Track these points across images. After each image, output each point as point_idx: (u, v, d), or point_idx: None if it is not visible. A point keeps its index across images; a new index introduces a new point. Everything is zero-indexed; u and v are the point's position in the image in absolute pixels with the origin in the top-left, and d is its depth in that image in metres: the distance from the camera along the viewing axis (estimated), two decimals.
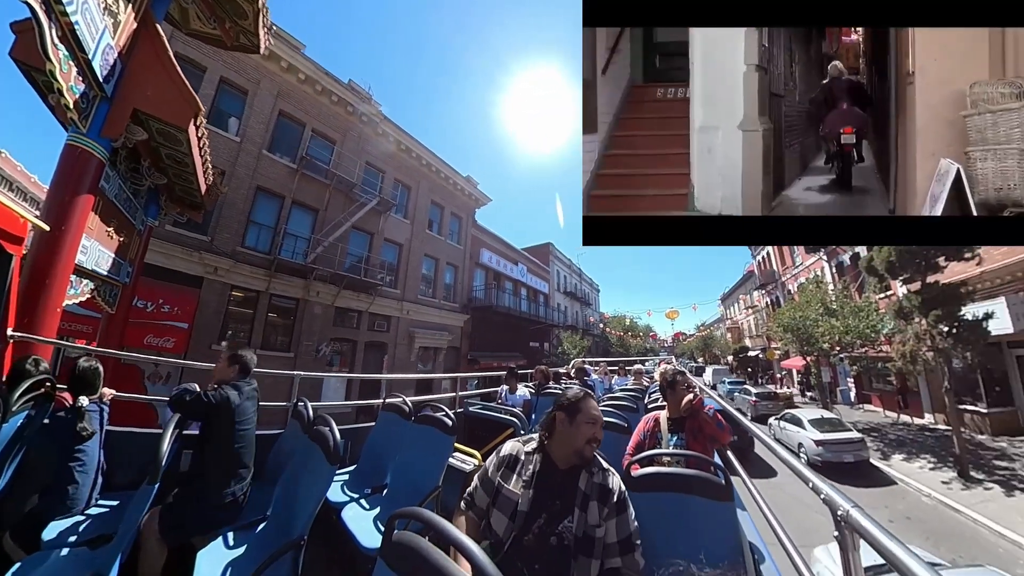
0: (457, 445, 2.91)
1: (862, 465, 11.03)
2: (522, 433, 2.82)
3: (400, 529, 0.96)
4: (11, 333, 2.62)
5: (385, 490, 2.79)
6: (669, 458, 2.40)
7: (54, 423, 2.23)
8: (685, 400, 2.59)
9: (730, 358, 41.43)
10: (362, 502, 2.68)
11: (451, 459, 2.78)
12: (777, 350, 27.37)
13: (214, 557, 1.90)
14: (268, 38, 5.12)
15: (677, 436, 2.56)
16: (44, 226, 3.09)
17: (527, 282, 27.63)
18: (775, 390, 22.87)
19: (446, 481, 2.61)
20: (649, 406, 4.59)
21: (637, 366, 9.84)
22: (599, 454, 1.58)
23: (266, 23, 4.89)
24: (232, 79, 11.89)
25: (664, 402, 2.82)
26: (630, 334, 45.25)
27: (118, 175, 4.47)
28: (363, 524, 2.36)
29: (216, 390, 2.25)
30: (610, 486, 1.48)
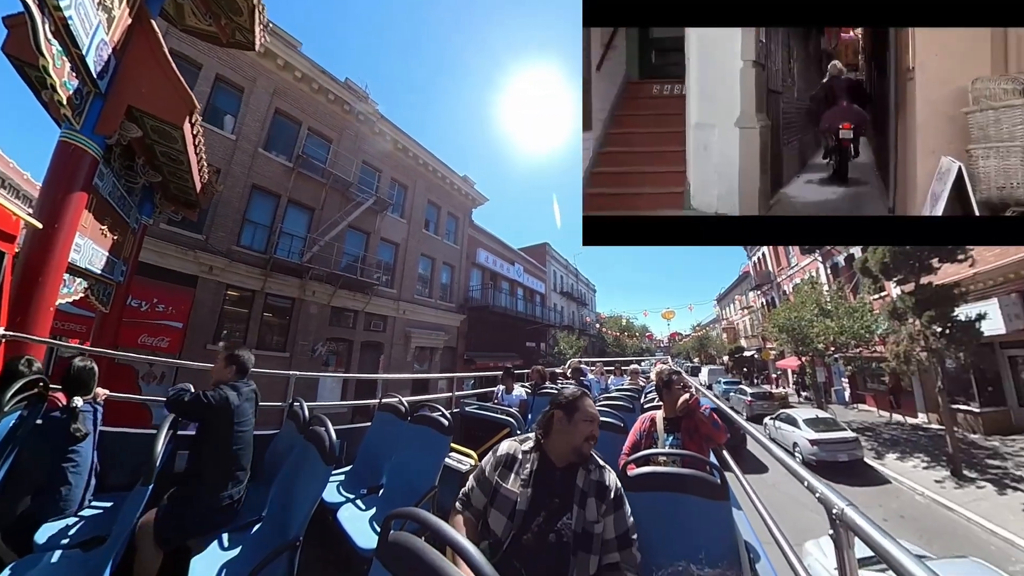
0: (453, 445, 2.91)
1: (856, 464, 11.11)
2: (518, 433, 2.81)
3: (396, 530, 0.96)
4: (3, 332, 2.59)
5: (381, 490, 2.78)
6: (665, 458, 2.40)
7: (47, 424, 2.20)
8: (681, 400, 2.59)
9: (726, 358, 41.62)
10: (358, 503, 2.67)
11: (447, 459, 2.78)
12: (772, 350, 27.53)
13: (209, 559, 1.89)
14: (264, 35, 5.10)
15: (673, 436, 2.56)
16: (37, 224, 3.06)
17: (524, 282, 27.64)
18: (770, 390, 23.03)
19: (442, 481, 2.61)
20: (645, 406, 4.59)
21: (633, 366, 9.85)
22: (595, 453, 1.59)
23: (262, 20, 4.86)
24: (228, 76, 11.82)
25: (660, 402, 2.82)
26: (626, 334, 45.33)
27: (112, 172, 4.43)
28: (359, 525, 2.36)
29: (215, 391, 2.23)
30: (607, 483, 1.50)
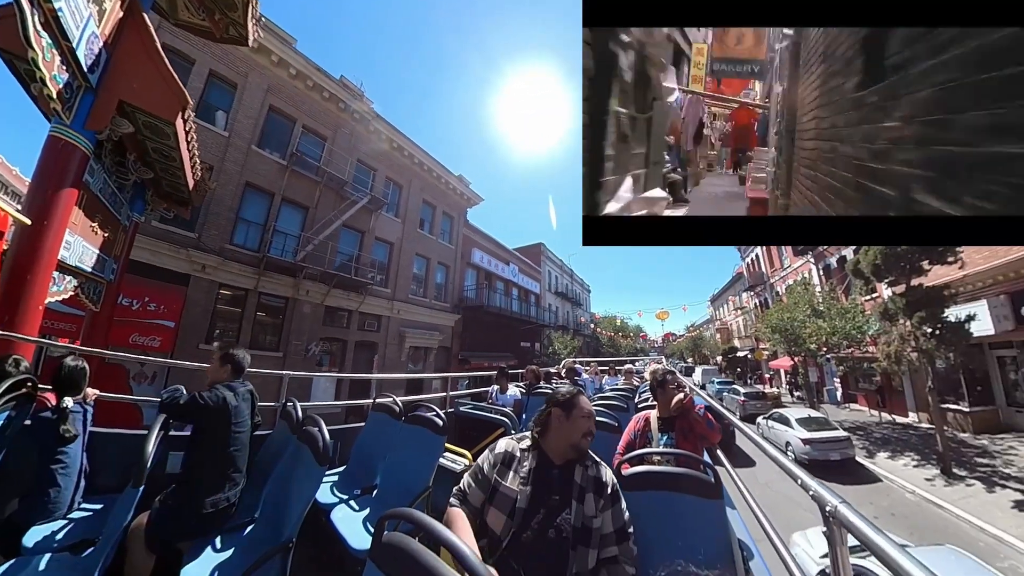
0: (448, 445, 2.90)
1: (848, 463, 11.23)
2: (513, 433, 2.81)
3: (390, 530, 0.95)
4: None
5: (375, 491, 2.76)
6: (659, 457, 2.41)
7: (36, 424, 2.17)
8: (675, 400, 2.61)
9: (719, 358, 41.87)
10: (352, 503, 2.66)
11: (442, 459, 2.77)
12: (765, 351, 27.70)
13: (201, 561, 1.88)
14: (257, 30, 5.05)
15: (667, 435, 2.58)
16: (26, 220, 3.02)
17: (518, 282, 27.63)
18: (763, 390, 23.20)
19: (436, 481, 2.60)
20: (639, 406, 4.61)
21: (627, 366, 9.90)
22: (590, 450, 1.60)
23: (255, 15, 4.82)
24: (221, 72, 11.69)
25: (654, 402, 2.83)
26: (620, 334, 45.55)
27: (103, 169, 4.38)
28: (353, 526, 2.34)
29: (211, 392, 2.19)
30: (604, 478, 1.53)
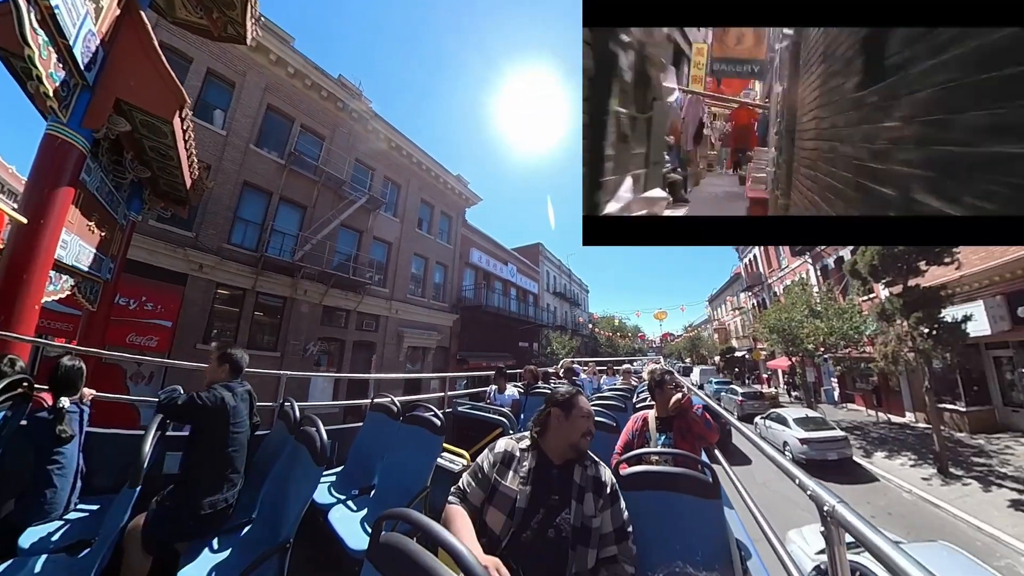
0: (446, 445, 2.90)
1: (845, 462, 11.26)
2: (511, 433, 2.81)
3: (388, 531, 0.95)
4: None
5: (373, 491, 2.76)
6: (657, 457, 2.42)
7: (32, 425, 2.16)
8: (673, 400, 2.61)
9: (717, 358, 41.92)
10: (349, 504, 2.65)
11: (440, 459, 2.76)
12: (763, 351, 27.76)
13: (198, 562, 1.87)
14: (255, 29, 5.03)
15: (665, 435, 2.58)
16: (22, 219, 3.01)
17: (517, 282, 27.63)
18: (761, 390, 23.28)
19: (434, 482, 2.59)
20: (637, 405, 4.61)
21: (625, 366, 9.89)
22: (588, 450, 1.59)
23: (254, 13, 4.80)
24: (219, 71, 11.65)
25: (652, 401, 2.84)
26: (619, 334, 45.59)
27: (100, 167, 4.36)
28: (350, 526, 2.34)
29: (209, 392, 2.18)
30: (603, 478, 1.53)
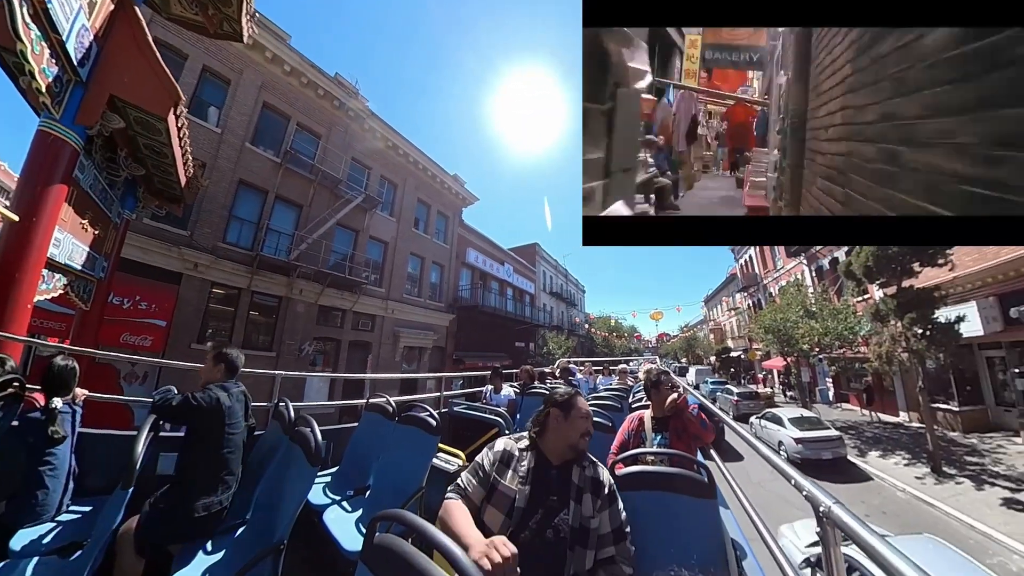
0: (441, 445, 2.89)
1: (840, 462, 11.33)
2: (506, 433, 2.80)
3: (382, 532, 0.94)
4: None
5: (368, 492, 2.75)
6: (653, 457, 2.42)
7: (23, 425, 2.13)
8: (669, 400, 2.61)
9: (713, 359, 42.11)
10: (344, 504, 2.64)
11: (435, 460, 2.76)
12: (759, 351, 27.90)
13: (191, 563, 1.85)
14: (252, 26, 4.99)
15: (661, 435, 2.58)
16: (13, 216, 2.98)
17: (513, 282, 27.61)
18: (756, 390, 23.37)
19: (430, 482, 2.59)
20: (633, 405, 4.61)
21: (622, 366, 9.90)
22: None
23: (249, 10, 4.76)
24: (215, 68, 11.58)
25: (648, 401, 2.84)
26: (615, 334, 45.66)
27: (93, 164, 4.31)
28: (345, 527, 2.32)
29: (204, 392, 2.16)
30: (601, 479, 1.53)
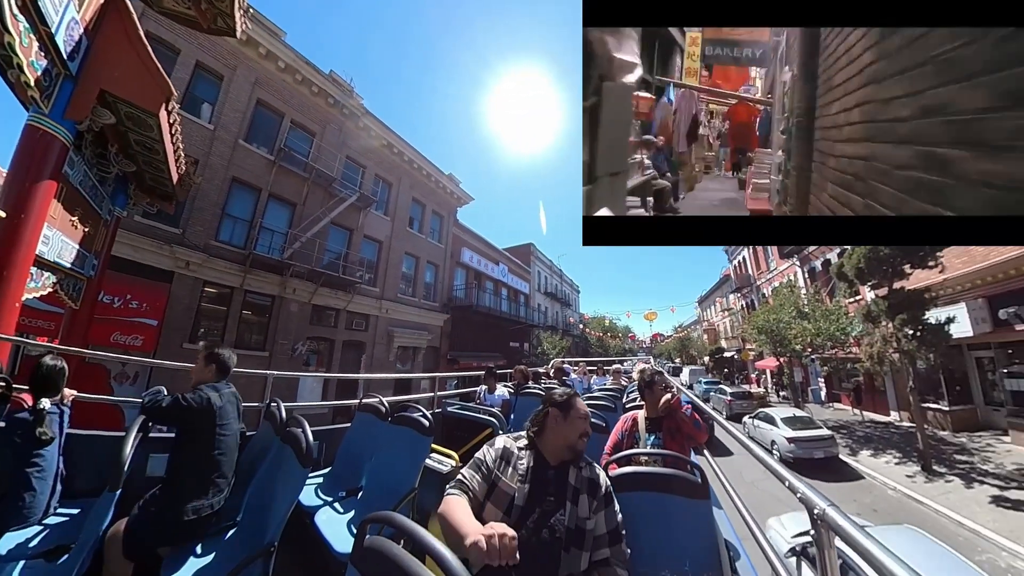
0: (434, 446, 2.87)
1: (832, 461, 11.42)
2: (500, 433, 2.79)
3: (373, 534, 0.93)
4: None
5: (360, 493, 2.72)
6: (647, 457, 2.41)
7: (10, 426, 2.09)
8: (663, 400, 2.61)
9: (706, 359, 42.31)
10: (336, 505, 2.62)
11: (428, 460, 2.74)
12: (752, 351, 28.05)
13: (180, 566, 1.82)
14: (245, 21, 4.94)
15: (655, 435, 2.58)
16: (1, 213, 2.93)
17: (508, 282, 27.60)
18: (750, 390, 23.52)
19: (423, 483, 2.56)
20: (627, 406, 4.62)
21: (616, 366, 9.93)
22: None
23: (243, 5, 4.71)
24: (208, 64, 11.45)
25: (642, 402, 2.84)
26: (609, 335, 45.82)
27: (83, 160, 4.26)
28: (337, 528, 2.30)
29: (194, 393, 2.13)
30: (598, 480, 1.53)
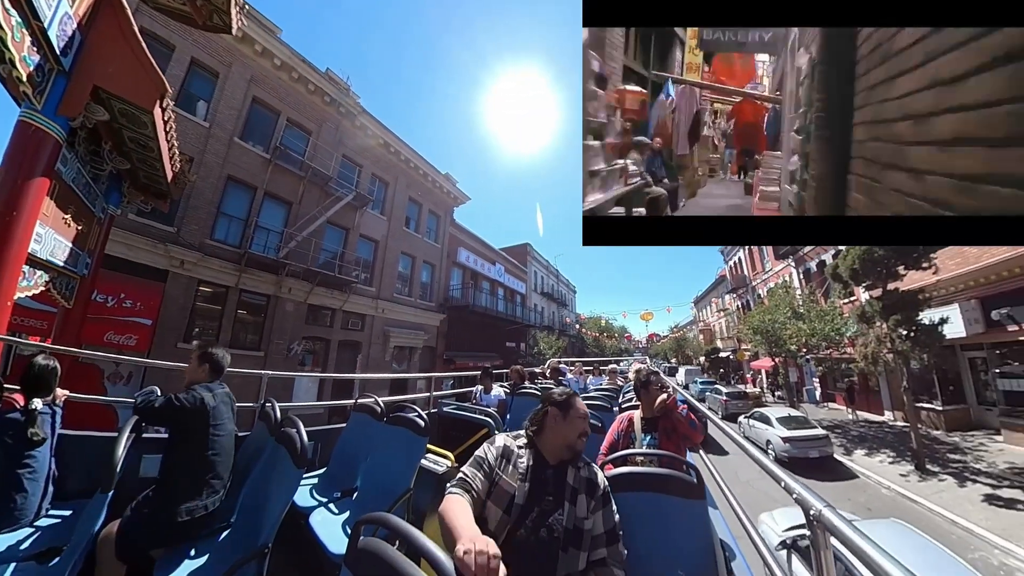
0: (430, 446, 2.86)
1: (826, 460, 11.49)
2: (496, 433, 2.79)
3: (367, 535, 0.92)
4: None
5: (355, 493, 2.71)
6: (642, 457, 2.41)
7: (1, 427, 2.06)
8: (659, 400, 2.61)
9: (702, 359, 42.45)
10: (331, 506, 2.60)
11: (424, 460, 2.73)
12: (747, 351, 28.20)
13: (174, 568, 1.81)
14: (241, 18, 4.90)
15: (650, 436, 2.58)
16: None
17: (504, 282, 27.58)
18: (745, 390, 23.63)
19: (418, 483, 2.55)
20: (623, 406, 4.62)
21: (612, 366, 9.92)
22: None
23: (238, 2, 4.68)
24: (203, 60, 11.36)
25: (638, 402, 2.84)
26: (605, 335, 45.90)
27: (76, 158, 4.21)
28: (331, 530, 2.29)
29: (187, 393, 2.11)
30: (596, 480, 1.53)
